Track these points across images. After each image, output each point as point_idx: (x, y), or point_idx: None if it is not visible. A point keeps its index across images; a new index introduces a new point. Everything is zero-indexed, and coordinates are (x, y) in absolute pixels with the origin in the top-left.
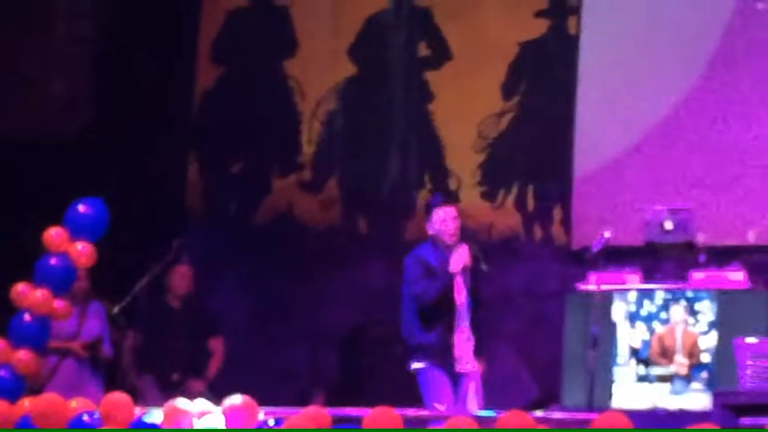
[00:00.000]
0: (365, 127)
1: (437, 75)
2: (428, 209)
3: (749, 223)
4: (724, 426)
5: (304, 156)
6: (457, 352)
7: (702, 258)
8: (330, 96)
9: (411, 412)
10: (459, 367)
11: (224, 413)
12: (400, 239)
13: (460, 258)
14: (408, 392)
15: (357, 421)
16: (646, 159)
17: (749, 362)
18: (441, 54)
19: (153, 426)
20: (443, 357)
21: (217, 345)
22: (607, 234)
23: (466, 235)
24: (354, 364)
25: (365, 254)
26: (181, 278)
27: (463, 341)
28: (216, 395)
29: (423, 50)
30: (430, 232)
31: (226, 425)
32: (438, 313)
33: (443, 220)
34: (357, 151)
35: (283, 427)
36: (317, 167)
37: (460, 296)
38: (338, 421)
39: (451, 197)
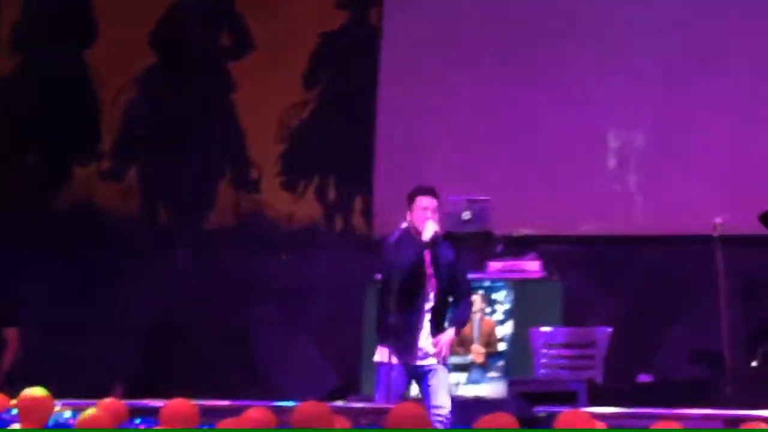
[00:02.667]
0: (166, 117)
1: (239, 65)
2: (411, 198)
3: (544, 214)
4: (518, 414)
5: (105, 145)
6: (420, 342)
7: (499, 248)
8: (130, 85)
9: (210, 403)
10: (418, 360)
11: (18, 406)
12: (201, 229)
13: (430, 229)
14: (209, 383)
15: (154, 412)
16: (447, 149)
17: (544, 351)
18: (243, 44)
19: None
20: (408, 339)
21: (12, 335)
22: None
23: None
24: (155, 355)
25: (166, 244)
26: None
27: (426, 333)
28: (12, 387)
29: (225, 40)
30: (409, 219)
31: (20, 418)
32: (407, 290)
33: (423, 208)
34: (157, 140)
35: (78, 419)
36: (117, 156)
37: (429, 273)
38: (135, 412)
39: (433, 190)
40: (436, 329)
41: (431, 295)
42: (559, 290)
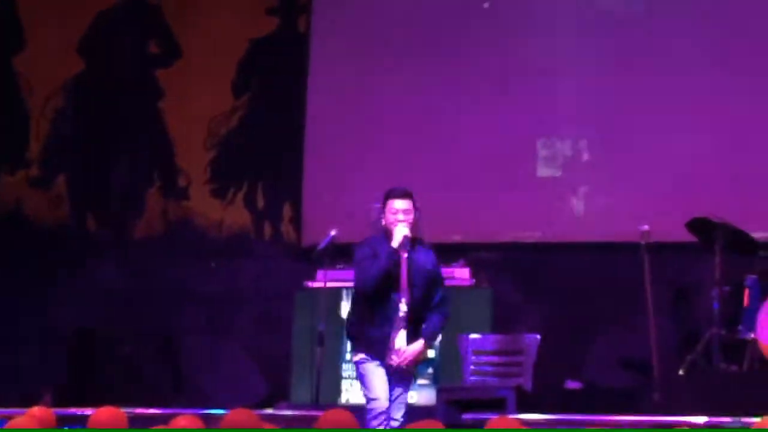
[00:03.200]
0: (94, 124)
1: (167, 72)
2: (384, 201)
3: (473, 221)
4: (447, 421)
5: (33, 153)
6: (396, 344)
7: None
8: (58, 92)
9: (139, 411)
10: (393, 361)
11: None
12: (130, 238)
13: (399, 233)
14: (138, 391)
15: (82, 420)
16: (376, 157)
17: (473, 358)
18: (171, 51)
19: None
20: (382, 349)
21: None
22: (333, 232)
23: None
24: (84, 364)
25: (95, 253)
26: None
27: (402, 336)
28: None
29: (153, 47)
30: (383, 223)
31: None
32: (379, 298)
33: (394, 211)
34: (86, 148)
35: (6, 427)
36: (46, 164)
37: (402, 281)
38: (63, 420)
39: (405, 192)
40: (412, 339)
41: (404, 305)
42: (489, 297)
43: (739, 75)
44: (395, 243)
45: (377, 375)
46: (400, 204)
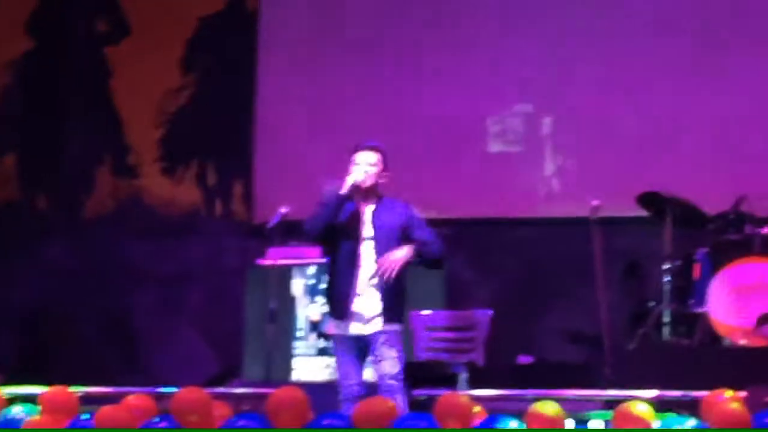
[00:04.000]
0: (43, 103)
1: (116, 50)
2: (352, 153)
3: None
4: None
5: None
6: (355, 307)
7: None
8: (7, 71)
9: (90, 390)
10: (355, 330)
11: None
12: (80, 217)
13: (351, 177)
14: (89, 370)
15: (33, 399)
16: (326, 134)
17: (424, 334)
18: (120, 29)
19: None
20: (338, 315)
21: None
22: (283, 209)
23: None
24: (34, 343)
25: (45, 232)
26: None
27: (363, 300)
28: None
29: (102, 25)
30: None
31: None
32: (341, 255)
33: (357, 164)
34: (35, 126)
35: None
36: None
37: (362, 234)
38: (14, 399)
39: (371, 145)
40: (383, 299)
41: (366, 259)
42: (441, 273)
43: (686, 46)
44: (345, 186)
45: (342, 354)
46: (362, 157)
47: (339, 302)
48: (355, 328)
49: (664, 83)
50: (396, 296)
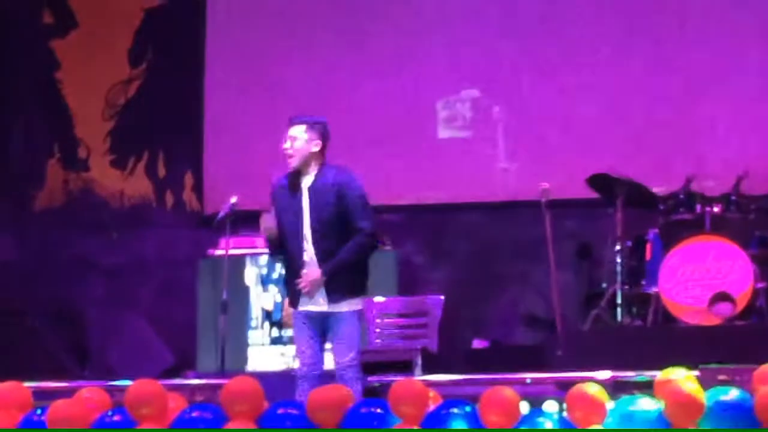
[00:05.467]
0: None
1: (63, 43)
2: None
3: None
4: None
5: None
6: (302, 284)
7: None
8: None
9: (43, 384)
10: (303, 307)
11: None
12: (29, 210)
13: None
14: (41, 365)
15: None
16: (276, 124)
17: (378, 320)
18: (66, 22)
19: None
20: (291, 296)
21: None
22: (233, 199)
23: None
24: None
25: None
26: None
27: (311, 271)
28: None
29: (48, 18)
30: None
31: None
32: (286, 237)
33: (284, 142)
34: None
35: None
36: None
37: (302, 212)
38: None
39: (295, 118)
40: (331, 281)
41: (307, 238)
42: (393, 259)
43: (635, 31)
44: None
45: (297, 334)
46: (288, 133)
47: (289, 285)
48: (304, 304)
49: (610, 64)
50: (345, 274)
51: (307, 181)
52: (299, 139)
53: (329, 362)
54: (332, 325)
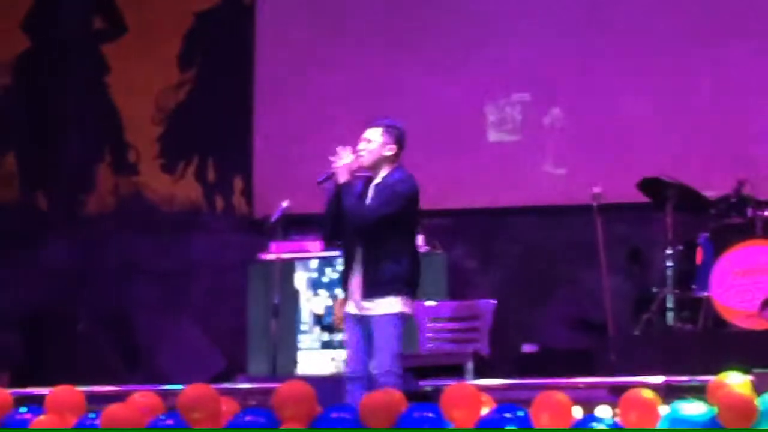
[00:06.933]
0: (41, 102)
1: (113, 48)
2: None
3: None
4: (405, 389)
5: None
6: (351, 286)
7: None
8: (4, 70)
9: (96, 389)
10: (353, 308)
11: None
12: (81, 215)
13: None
14: (93, 368)
15: (39, 400)
16: (326, 127)
17: (429, 324)
18: (116, 26)
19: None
20: (346, 297)
21: None
22: (285, 203)
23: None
24: (37, 343)
25: (46, 231)
26: None
27: (357, 276)
28: None
29: (98, 23)
30: None
31: None
32: (339, 239)
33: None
34: (34, 126)
35: None
36: None
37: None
38: (21, 400)
39: (376, 120)
40: (365, 284)
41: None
42: (443, 263)
43: (686, 29)
44: (338, 175)
45: (346, 335)
46: (365, 134)
47: (343, 286)
48: (351, 307)
49: (663, 67)
50: (383, 270)
51: (375, 182)
52: (374, 141)
53: None
54: (370, 327)
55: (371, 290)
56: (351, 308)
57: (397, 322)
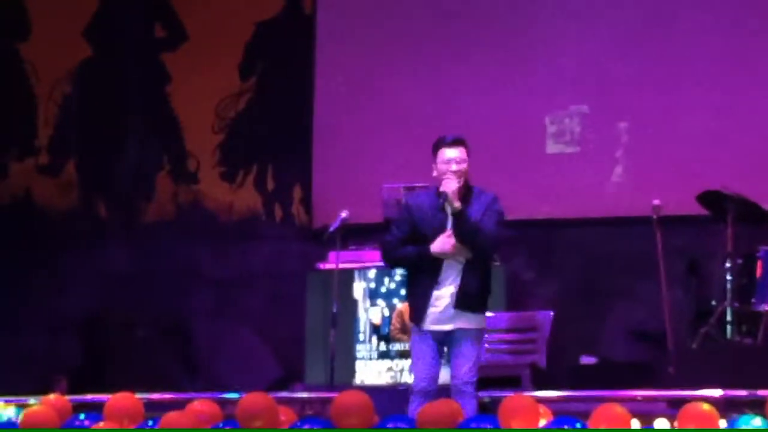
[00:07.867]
0: (102, 110)
1: (174, 56)
2: (434, 149)
3: None
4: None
5: (41, 139)
6: (432, 308)
7: None
8: (66, 79)
9: (154, 396)
10: (432, 326)
11: None
12: (140, 222)
13: (445, 186)
14: (151, 376)
15: (99, 407)
16: (385, 136)
17: (486, 335)
18: (177, 35)
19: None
20: (419, 311)
21: None
22: (344, 213)
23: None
24: (95, 350)
25: (105, 238)
26: None
27: (444, 299)
28: None
29: (159, 31)
30: (434, 174)
31: None
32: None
33: (446, 161)
34: (94, 133)
35: (24, 414)
36: (55, 151)
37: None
38: (79, 407)
39: (459, 140)
40: (461, 298)
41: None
42: (502, 275)
43: (746, 42)
44: (434, 249)
45: (416, 350)
46: (451, 153)
47: (419, 302)
48: (431, 323)
49: (723, 79)
50: (480, 286)
51: (466, 200)
52: (465, 160)
53: (443, 378)
54: (456, 341)
55: (469, 305)
56: (429, 323)
57: (484, 335)
